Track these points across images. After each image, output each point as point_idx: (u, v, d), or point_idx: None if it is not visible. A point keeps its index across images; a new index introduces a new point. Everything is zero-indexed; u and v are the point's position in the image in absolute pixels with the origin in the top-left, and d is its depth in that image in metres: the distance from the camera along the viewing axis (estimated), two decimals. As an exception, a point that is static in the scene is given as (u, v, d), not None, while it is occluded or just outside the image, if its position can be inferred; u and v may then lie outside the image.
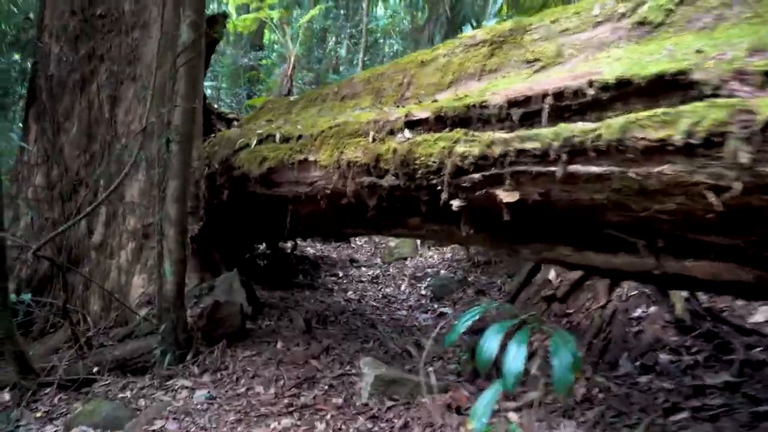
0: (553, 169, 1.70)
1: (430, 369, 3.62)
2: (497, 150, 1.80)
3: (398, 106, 2.52)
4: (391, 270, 7.00)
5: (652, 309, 3.04)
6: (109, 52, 5.74)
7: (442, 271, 6.25)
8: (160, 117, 3.96)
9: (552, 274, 3.55)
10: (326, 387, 3.41)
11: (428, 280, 6.13)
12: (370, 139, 2.27)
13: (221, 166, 4.08)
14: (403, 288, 6.06)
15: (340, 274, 6.83)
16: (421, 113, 2.06)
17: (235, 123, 5.99)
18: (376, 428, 2.51)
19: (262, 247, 7.35)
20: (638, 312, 3.06)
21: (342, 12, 15.48)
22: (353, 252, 9.22)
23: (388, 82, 2.83)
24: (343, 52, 16.20)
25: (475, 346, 3.46)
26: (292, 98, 4.23)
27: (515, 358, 1.69)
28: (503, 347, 1.79)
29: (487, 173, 1.85)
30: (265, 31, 15.63)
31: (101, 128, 5.61)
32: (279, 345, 4.07)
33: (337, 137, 2.57)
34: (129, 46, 5.66)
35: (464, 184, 1.91)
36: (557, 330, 1.80)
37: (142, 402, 3.31)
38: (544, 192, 1.79)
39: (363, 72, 3.16)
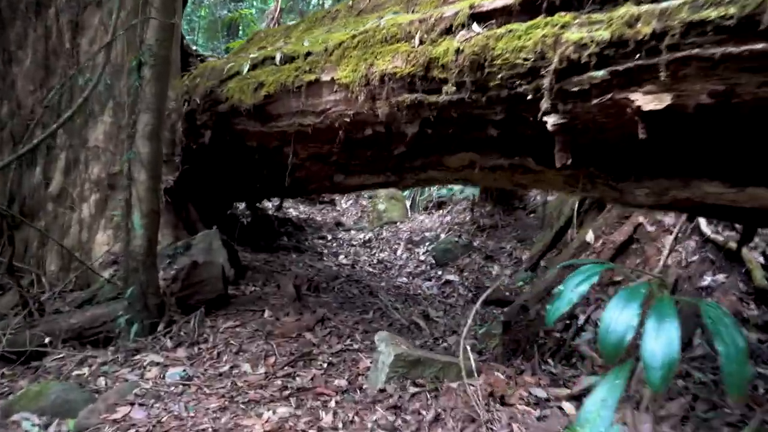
0: (759, 46, 1.08)
1: (456, 345, 3.11)
2: (646, 29, 1.23)
3: (442, 6, 1.93)
4: (384, 233, 6.46)
5: (720, 277, 2.58)
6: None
7: (442, 235, 5.74)
8: (129, 30, 3.26)
9: (590, 236, 3.05)
10: (325, 365, 2.89)
11: (427, 244, 5.61)
12: (417, 42, 1.67)
13: (204, 101, 3.42)
14: (399, 253, 5.53)
15: (329, 237, 6.26)
16: (494, 2, 1.48)
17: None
18: (399, 422, 2.00)
19: (241, 207, 6.72)
20: (706, 281, 2.60)
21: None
22: (339, 215, 8.65)
23: (424, -13, 2.22)
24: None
25: (507, 320, 2.97)
26: (289, 23, 3.54)
27: (666, 342, 1.16)
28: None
29: (619, 67, 1.28)
30: (246, -22, 14.52)
31: (60, 60, 4.82)
32: (267, 314, 3.51)
33: (364, 47, 1.95)
34: (92, -35, 4.83)
35: (573, 89, 1.35)
36: (705, 302, 1.28)
37: (102, 381, 2.73)
38: (723, 90, 1.19)
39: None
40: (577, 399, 2.09)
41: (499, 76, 1.37)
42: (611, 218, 3.19)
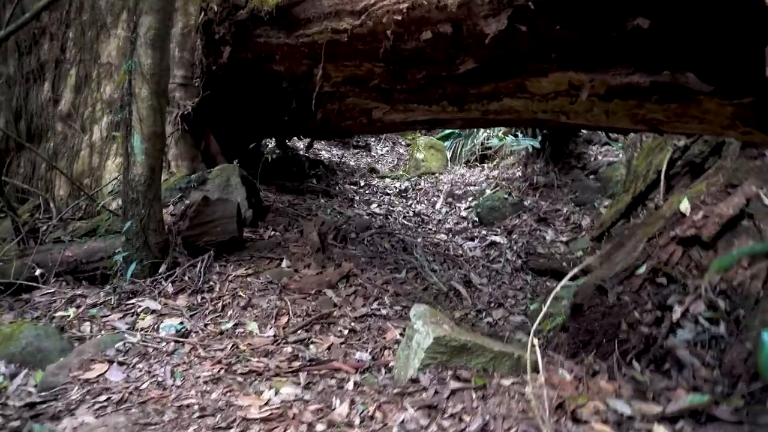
0: None
1: (504, 320, 2.61)
2: None
3: None
4: (422, 184, 5.89)
5: None
6: None
7: (488, 191, 5.13)
8: None
9: (685, 205, 2.43)
10: (346, 331, 2.42)
11: (470, 200, 5.03)
12: None
13: (221, 7, 2.84)
14: (438, 206, 4.97)
15: (361, 183, 5.74)
16: None
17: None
18: (433, 427, 1.51)
19: (271, 144, 6.22)
20: None
21: None
22: (374, 161, 8.10)
23: None
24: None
25: (578, 302, 2.42)
26: None
27: None
28: None
29: None
30: None
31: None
32: (284, 264, 3.05)
33: None
34: None
35: None
36: None
37: (87, 327, 2.33)
38: None
39: None
40: (673, 421, 1.55)
41: None
42: (715, 185, 2.54)
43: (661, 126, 1.59)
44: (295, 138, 6.03)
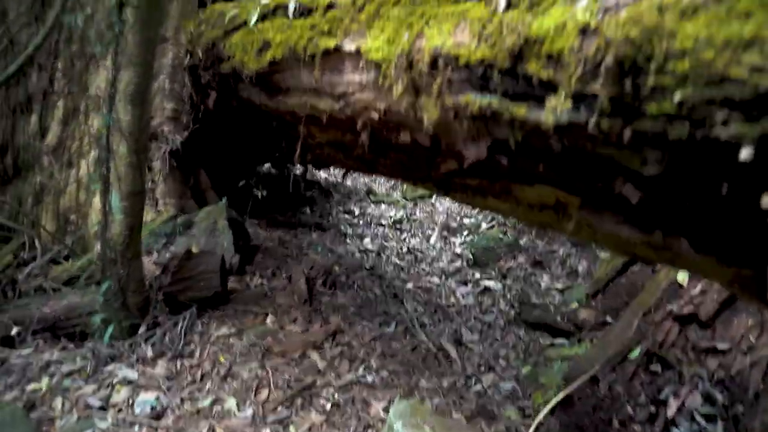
0: None
1: (493, 389, 2.51)
2: None
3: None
4: (417, 213, 5.79)
5: None
6: None
7: (483, 224, 5.03)
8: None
9: (682, 276, 2.33)
10: (328, 406, 2.33)
11: (465, 234, 4.93)
12: (501, 4, 0.95)
13: (206, 55, 2.75)
14: (433, 240, 4.87)
15: (356, 212, 5.64)
16: None
17: None
18: None
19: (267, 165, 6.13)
20: None
21: None
22: (371, 181, 8.01)
23: None
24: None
25: (569, 394, 2.31)
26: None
27: None
28: None
29: None
30: None
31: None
32: (269, 320, 2.96)
33: (410, 3, 1.23)
34: None
35: None
36: None
37: (58, 404, 2.24)
38: None
39: None
40: None
41: (678, 96, 0.68)
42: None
43: (653, 261, 1.50)
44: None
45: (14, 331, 2.76)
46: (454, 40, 1.08)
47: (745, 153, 0.64)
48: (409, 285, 3.82)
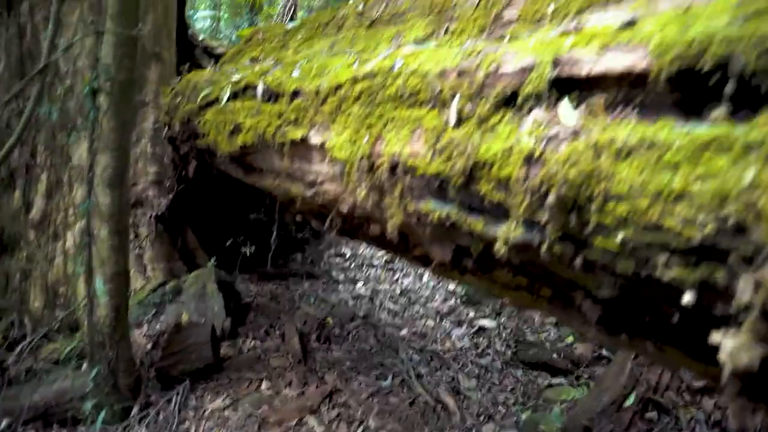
0: None
1: None
2: None
3: (494, 38, 1.21)
4: (409, 250, 5.78)
5: None
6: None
7: (475, 259, 5.05)
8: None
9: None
10: (329, 478, 2.28)
11: (457, 269, 4.93)
12: (452, 117, 0.97)
13: (183, 128, 2.78)
14: (425, 279, 4.87)
15: (347, 254, 5.63)
16: (601, 58, 0.77)
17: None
18: None
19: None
20: None
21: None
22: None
23: (462, -8, 1.48)
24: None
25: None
26: (289, 25, 2.83)
27: None
28: None
29: None
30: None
31: (38, 64, 4.24)
32: (264, 386, 2.93)
33: (369, 102, 1.25)
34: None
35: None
36: None
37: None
38: None
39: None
40: None
41: (620, 236, 0.69)
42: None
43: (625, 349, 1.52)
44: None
45: (4, 423, 2.72)
46: (411, 149, 1.10)
47: (687, 297, 0.66)
48: (404, 331, 3.80)
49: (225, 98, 2.27)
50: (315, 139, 1.52)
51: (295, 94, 1.70)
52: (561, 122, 0.82)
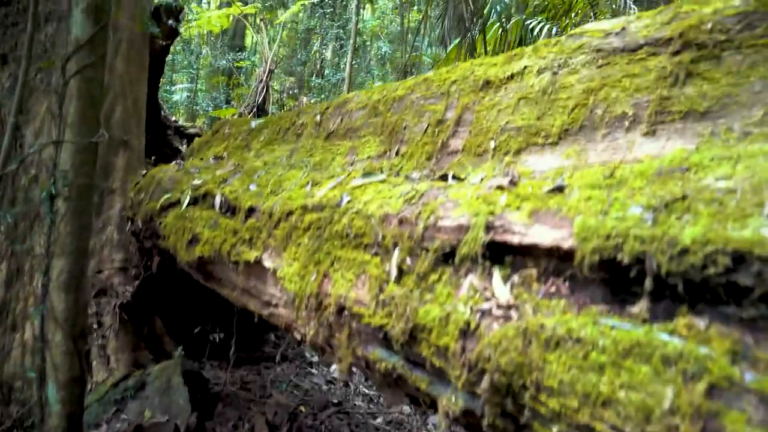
0: None
1: None
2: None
3: (438, 171, 1.23)
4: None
5: None
6: (14, 50, 4.37)
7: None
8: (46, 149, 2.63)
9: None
10: None
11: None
12: (392, 270, 0.97)
13: (146, 226, 2.74)
14: (402, 357, 4.76)
15: (323, 331, 5.49)
16: (530, 228, 0.77)
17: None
18: None
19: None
20: None
21: (328, 11, 14.09)
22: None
23: (412, 116, 1.52)
24: (328, 54, 14.82)
25: None
26: (254, 123, 2.88)
27: None
28: None
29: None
30: (247, 31, 14.23)
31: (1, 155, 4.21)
32: (229, 495, 2.74)
33: (317, 236, 1.24)
34: (41, 43, 4.27)
35: None
36: None
37: None
38: None
39: (366, 92, 1.84)
40: None
41: (556, 429, 0.68)
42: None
43: None
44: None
45: None
46: (356, 294, 1.08)
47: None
48: (379, 420, 3.67)
49: (185, 203, 2.27)
50: (268, 263, 1.50)
51: (251, 211, 1.70)
52: (495, 293, 0.81)
